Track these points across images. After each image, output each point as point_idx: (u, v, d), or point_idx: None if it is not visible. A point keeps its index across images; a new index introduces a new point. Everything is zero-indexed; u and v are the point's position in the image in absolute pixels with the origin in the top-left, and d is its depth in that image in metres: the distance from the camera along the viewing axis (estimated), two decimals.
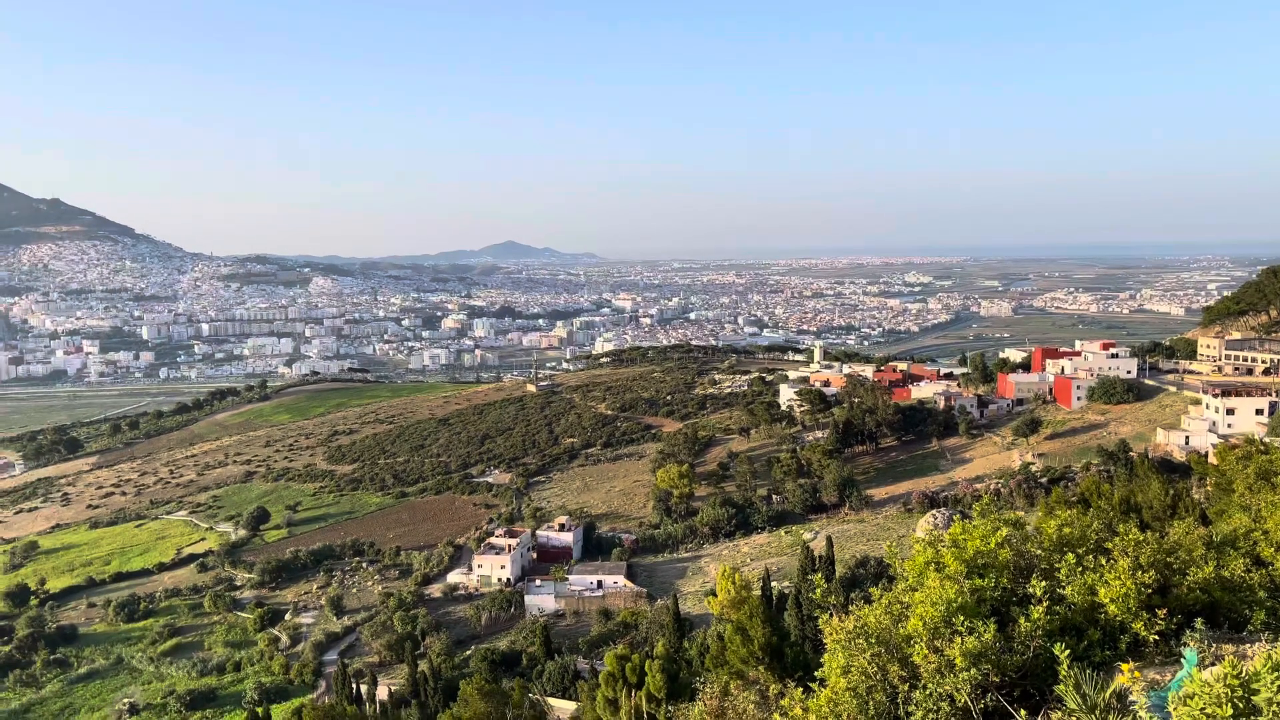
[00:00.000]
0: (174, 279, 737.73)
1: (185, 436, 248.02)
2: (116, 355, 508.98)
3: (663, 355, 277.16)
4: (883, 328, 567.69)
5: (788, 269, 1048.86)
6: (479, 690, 44.46)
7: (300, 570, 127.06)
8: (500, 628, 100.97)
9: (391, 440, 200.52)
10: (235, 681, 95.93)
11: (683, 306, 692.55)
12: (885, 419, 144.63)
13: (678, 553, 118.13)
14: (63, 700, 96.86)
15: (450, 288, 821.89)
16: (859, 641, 9.80)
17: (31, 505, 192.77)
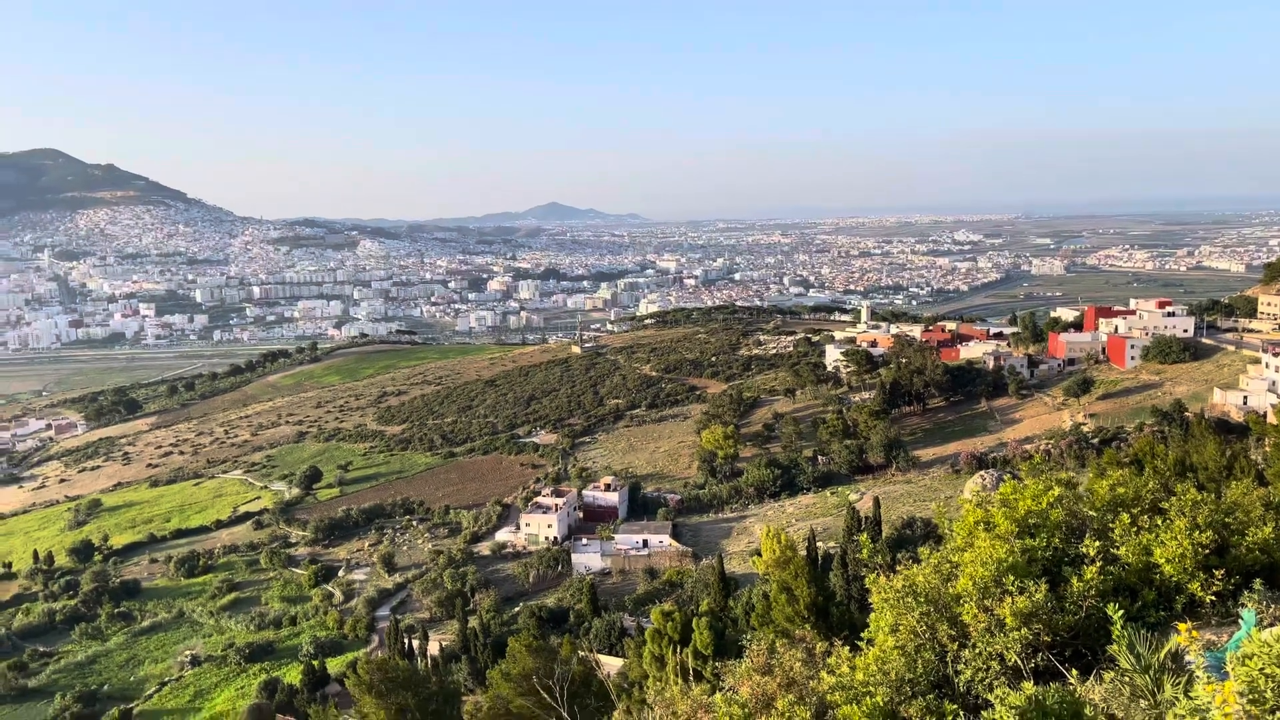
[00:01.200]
0: (225, 243, 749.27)
1: (239, 398, 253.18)
2: (171, 318, 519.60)
3: (707, 316, 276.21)
4: (931, 287, 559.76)
5: (834, 228, 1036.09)
6: (527, 646, 45.13)
7: (352, 528, 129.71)
8: (547, 585, 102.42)
9: (439, 401, 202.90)
10: (292, 635, 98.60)
11: (727, 267, 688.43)
12: (933, 379, 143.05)
13: (722, 513, 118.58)
14: (127, 652, 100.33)
15: (495, 250, 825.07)
16: (908, 600, 9.77)
17: (94, 464, 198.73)
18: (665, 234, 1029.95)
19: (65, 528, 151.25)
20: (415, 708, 41.61)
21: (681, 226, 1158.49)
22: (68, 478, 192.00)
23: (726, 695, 13.76)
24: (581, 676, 44.49)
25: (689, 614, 42.17)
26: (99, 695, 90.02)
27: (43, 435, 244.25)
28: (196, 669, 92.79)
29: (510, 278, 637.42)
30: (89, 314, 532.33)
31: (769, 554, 52.60)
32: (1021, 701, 6.99)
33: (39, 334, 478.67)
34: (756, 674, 13.32)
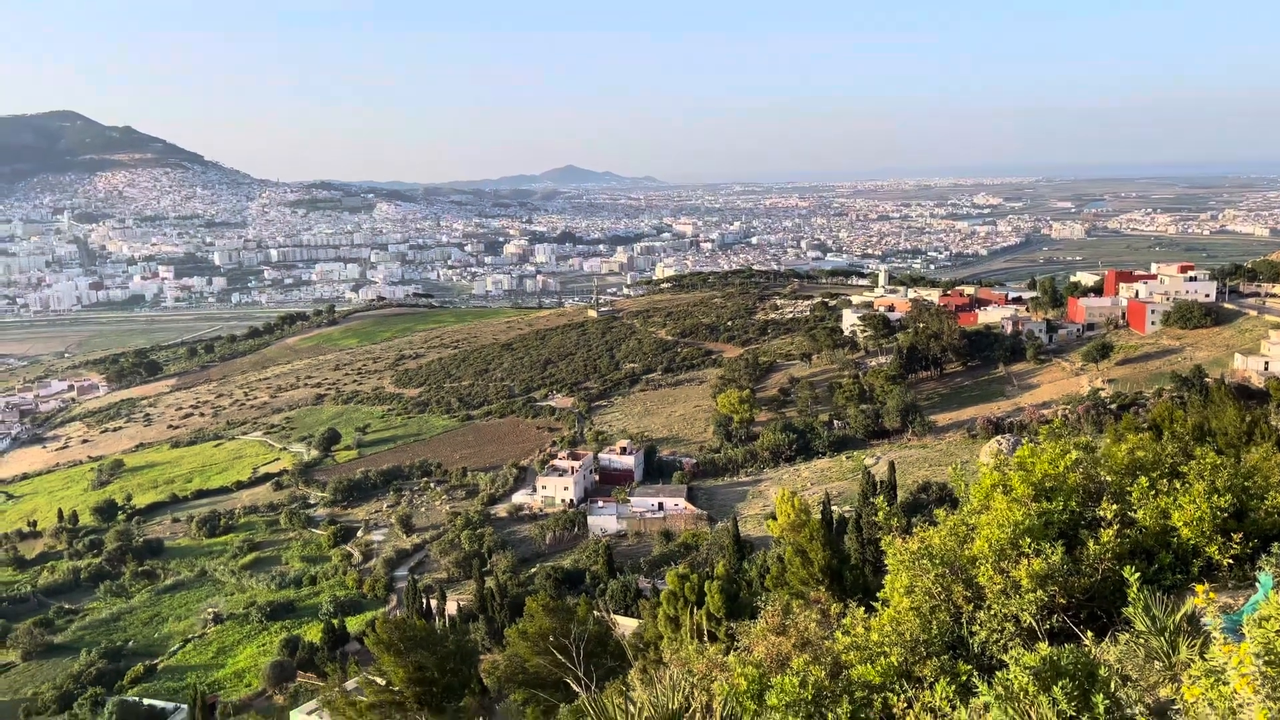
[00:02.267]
0: (243, 205, 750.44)
1: (258, 360, 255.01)
2: (190, 280, 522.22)
3: (724, 280, 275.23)
4: (950, 251, 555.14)
5: (853, 192, 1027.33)
6: (544, 606, 45.64)
7: (370, 490, 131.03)
8: (564, 547, 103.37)
9: (456, 364, 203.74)
10: (312, 594, 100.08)
11: (744, 231, 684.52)
12: (950, 344, 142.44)
13: (738, 477, 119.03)
14: (151, 609, 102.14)
15: (512, 213, 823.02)
16: (923, 562, 9.81)
17: (116, 425, 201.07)
18: (682, 197, 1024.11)
19: (88, 487, 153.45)
20: (433, 666, 42.22)
21: (698, 190, 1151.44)
22: (90, 438, 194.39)
23: (741, 655, 13.90)
24: (598, 636, 45.00)
25: (703, 576, 42.52)
26: (124, 651, 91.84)
27: (65, 396, 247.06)
28: (219, 626, 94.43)
29: (526, 241, 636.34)
30: (109, 276, 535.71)
31: (783, 517, 52.75)
32: (1036, 662, 7.03)
33: (60, 296, 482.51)
34: (771, 634, 13.44)
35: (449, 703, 42.70)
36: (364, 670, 47.54)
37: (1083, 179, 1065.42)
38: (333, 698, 45.08)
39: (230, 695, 79.82)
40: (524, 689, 41.12)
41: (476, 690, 44.60)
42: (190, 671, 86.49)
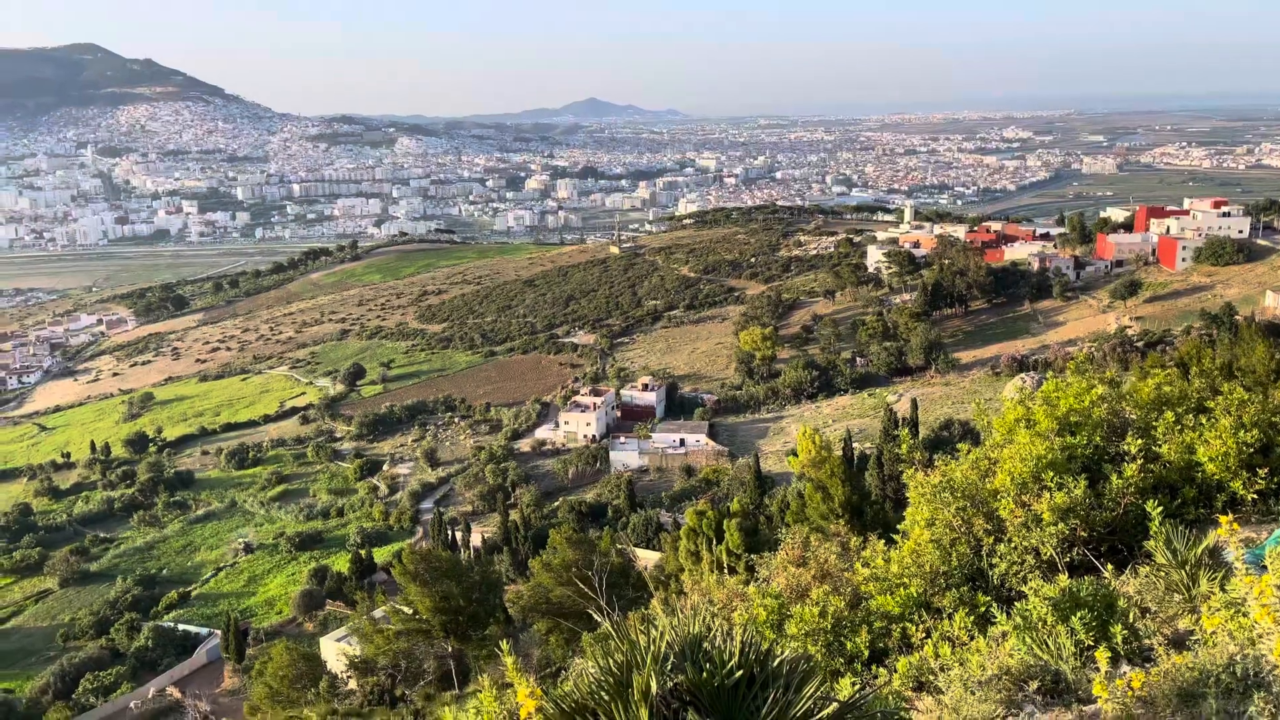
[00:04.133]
0: (264, 140, 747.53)
1: (282, 295, 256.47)
2: (214, 215, 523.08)
3: (747, 216, 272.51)
4: (977, 186, 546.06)
5: (880, 125, 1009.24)
6: (567, 538, 46.34)
7: (395, 424, 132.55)
8: (586, 482, 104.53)
9: (479, 300, 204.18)
10: (339, 526, 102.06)
11: (768, 166, 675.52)
12: (976, 281, 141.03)
13: (759, 413, 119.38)
14: (184, 539, 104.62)
15: (533, 147, 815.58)
16: (944, 495, 9.84)
17: (145, 359, 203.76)
18: (705, 131, 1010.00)
19: (119, 420, 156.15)
20: (459, 596, 43.11)
21: (722, 123, 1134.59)
22: (120, 371, 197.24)
23: (761, 586, 14.07)
24: (619, 568, 45.71)
25: (723, 512, 42.91)
26: (158, 579, 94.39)
27: (94, 330, 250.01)
28: (249, 556, 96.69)
29: (548, 176, 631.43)
30: (133, 211, 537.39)
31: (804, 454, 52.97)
32: (1055, 593, 7.08)
33: (86, 230, 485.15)
34: (791, 566, 13.58)
35: (474, 631, 43.66)
36: (391, 600, 48.61)
37: (1116, 112, 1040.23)
38: (361, 626, 46.22)
39: (261, 622, 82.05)
40: (547, 618, 41.94)
41: (501, 619, 45.55)
42: (222, 599, 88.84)
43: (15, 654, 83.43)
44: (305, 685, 43.09)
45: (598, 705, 4.54)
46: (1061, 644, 6.72)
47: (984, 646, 7.19)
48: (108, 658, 77.69)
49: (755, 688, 4.55)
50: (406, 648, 42.93)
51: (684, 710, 4.43)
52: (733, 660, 4.59)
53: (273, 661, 45.84)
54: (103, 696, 71.18)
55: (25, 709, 70.80)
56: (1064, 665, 6.56)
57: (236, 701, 61.30)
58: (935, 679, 7.03)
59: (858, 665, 8.84)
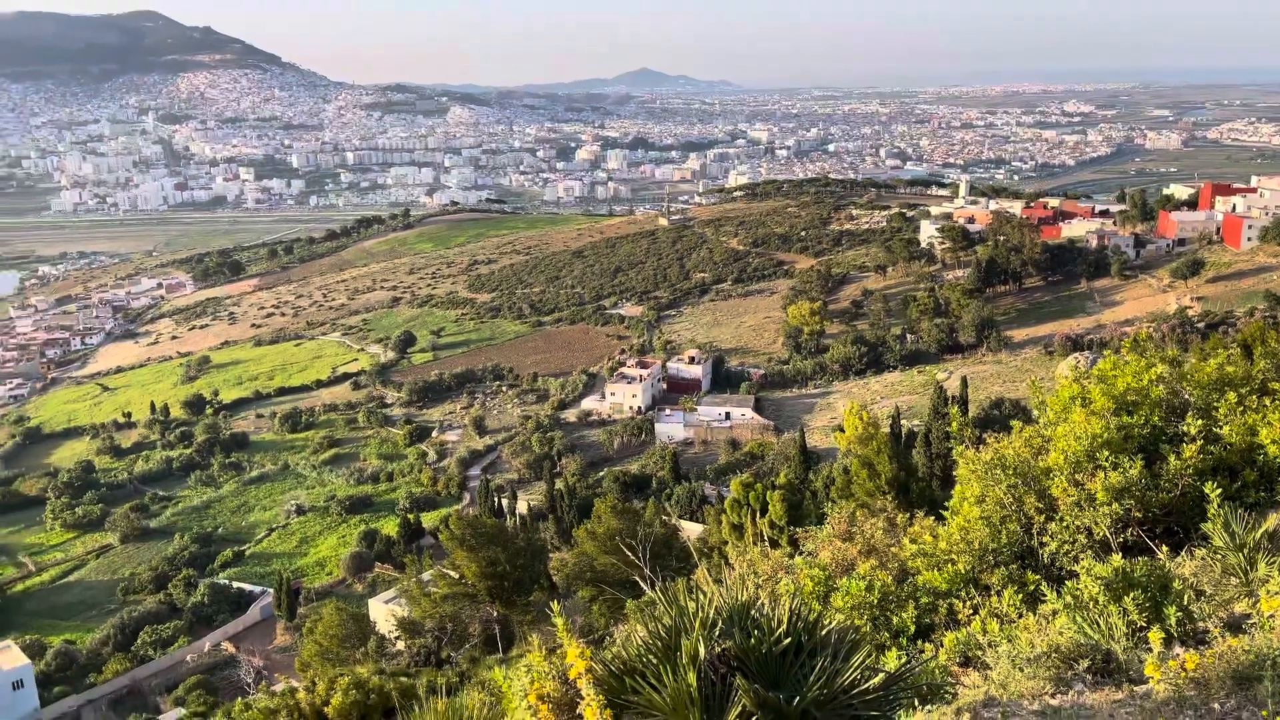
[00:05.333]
0: (319, 108, 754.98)
1: (335, 262, 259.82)
2: (270, 182, 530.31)
3: (798, 189, 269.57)
4: (1035, 161, 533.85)
5: (936, 98, 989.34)
6: (612, 508, 46.72)
7: (444, 391, 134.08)
8: (630, 453, 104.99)
9: (528, 271, 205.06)
10: (389, 490, 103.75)
11: (821, 138, 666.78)
12: (1031, 258, 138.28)
13: (806, 389, 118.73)
14: (238, 499, 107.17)
15: (584, 118, 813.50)
16: (996, 472, 9.74)
17: (202, 323, 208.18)
18: (758, 102, 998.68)
19: (178, 382, 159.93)
20: (504, 562, 43.72)
21: (775, 94, 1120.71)
22: (179, 335, 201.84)
23: (806, 558, 14.08)
24: (663, 539, 45.96)
25: (767, 486, 42.92)
26: (214, 537, 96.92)
27: (154, 294, 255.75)
28: (301, 517, 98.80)
29: (598, 147, 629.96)
30: (192, 177, 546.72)
31: (851, 430, 52.68)
32: (1108, 573, 6.99)
33: (147, 196, 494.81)
34: (838, 540, 13.58)
35: (519, 597, 44.29)
36: (438, 564, 49.44)
37: (1183, 85, 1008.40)
38: (409, 588, 47.14)
39: (312, 582, 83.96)
40: (591, 586, 42.39)
41: (545, 586, 46.13)
42: (275, 559, 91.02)
43: (77, 606, 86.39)
44: (354, 644, 44.09)
45: (645, 668, 4.60)
46: (1113, 624, 6.65)
47: (1033, 624, 7.14)
48: (166, 612, 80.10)
49: (803, 656, 4.58)
50: (453, 611, 43.72)
51: (731, 675, 4.48)
52: (781, 628, 4.62)
53: (323, 621, 46.94)
54: (161, 649, 73.51)
55: (86, 660, 73.39)
56: (1115, 645, 6.50)
57: (288, 658, 62.98)
58: (982, 655, 7.00)
59: (903, 640, 8.83)
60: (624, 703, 4.54)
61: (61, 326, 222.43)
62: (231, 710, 19.18)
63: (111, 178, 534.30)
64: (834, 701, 4.42)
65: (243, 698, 40.75)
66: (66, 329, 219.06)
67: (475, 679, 26.25)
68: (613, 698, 4.54)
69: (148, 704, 64.45)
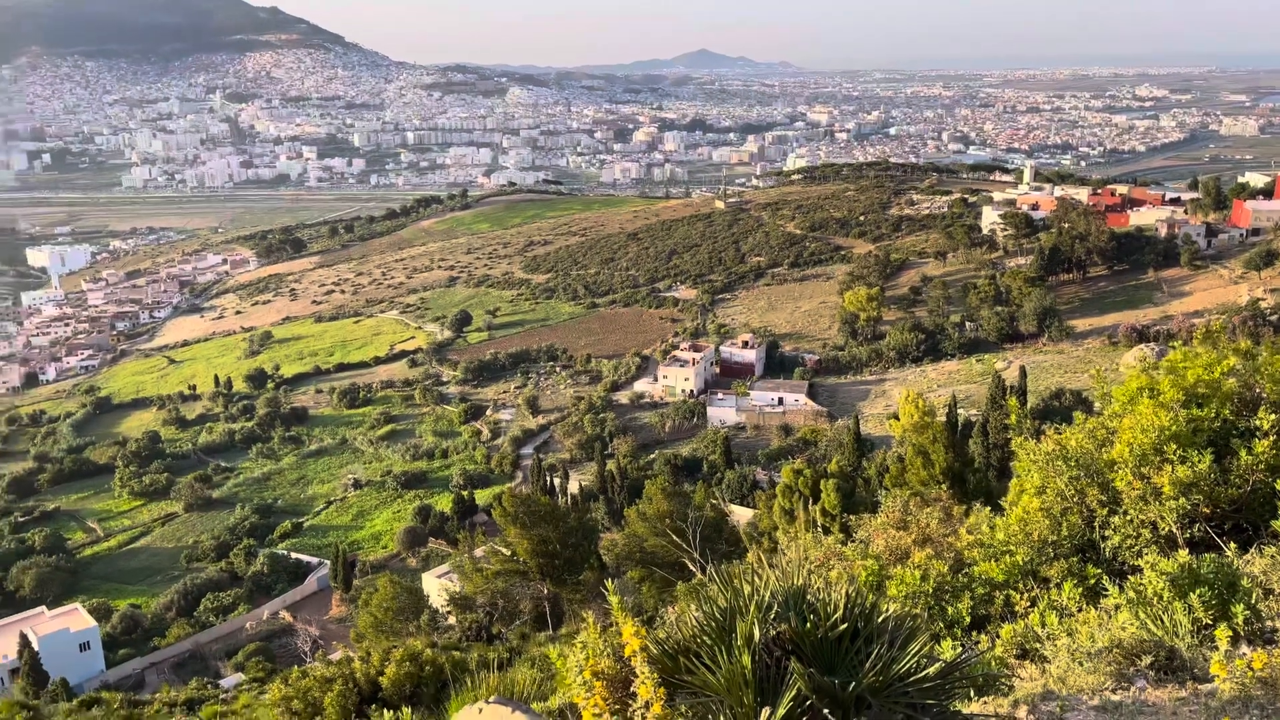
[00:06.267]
0: (381, 88, 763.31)
1: (394, 241, 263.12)
2: (331, 161, 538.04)
3: (858, 173, 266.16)
4: (1104, 147, 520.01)
5: (1001, 81, 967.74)
6: (662, 490, 46.81)
7: (499, 371, 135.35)
8: (682, 436, 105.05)
9: (583, 252, 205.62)
10: (443, 467, 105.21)
11: (882, 121, 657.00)
12: (1097, 246, 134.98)
13: (861, 375, 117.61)
14: (297, 472, 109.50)
15: (642, 99, 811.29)
16: (1057, 463, 9.55)
17: (265, 299, 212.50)
18: (818, 84, 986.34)
19: (241, 356, 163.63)
20: (556, 540, 44.07)
21: (836, 77, 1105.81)
22: (242, 310, 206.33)
23: (859, 546, 13.99)
24: (713, 523, 45.98)
25: (820, 472, 42.67)
26: (273, 508, 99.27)
27: (219, 269, 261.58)
28: (358, 492, 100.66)
29: (655, 128, 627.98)
30: (257, 155, 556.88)
31: (906, 418, 52.07)
32: (1173, 568, 6.83)
33: (214, 173, 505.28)
34: (892, 528, 13.45)
35: (569, 576, 44.63)
36: (490, 540, 50.02)
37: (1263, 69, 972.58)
38: (462, 564, 47.79)
39: (367, 555, 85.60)
40: (641, 567, 42.59)
41: (595, 566, 46.41)
42: (332, 531, 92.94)
43: (143, 571, 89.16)
44: (408, 617, 44.86)
45: (700, 648, 4.62)
46: (1178, 620, 6.50)
47: (1094, 619, 7.01)
48: (226, 580, 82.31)
49: (858, 642, 4.56)
50: (504, 587, 44.23)
51: (786, 659, 4.47)
52: (837, 613, 4.60)
53: (378, 593, 47.82)
54: (221, 616, 75.61)
55: (150, 624, 75.77)
56: (1179, 642, 6.36)
57: (343, 629, 64.33)
58: (1041, 648, 6.89)
59: (958, 630, 8.73)
60: (678, 682, 4.57)
61: (131, 300, 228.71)
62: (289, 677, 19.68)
63: (180, 155, 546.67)
64: (889, 688, 4.40)
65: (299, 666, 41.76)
66: (135, 302, 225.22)
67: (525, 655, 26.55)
68: (667, 677, 4.56)
69: (209, 668, 66.33)
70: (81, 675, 62.32)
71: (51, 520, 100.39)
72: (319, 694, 17.79)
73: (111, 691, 45.48)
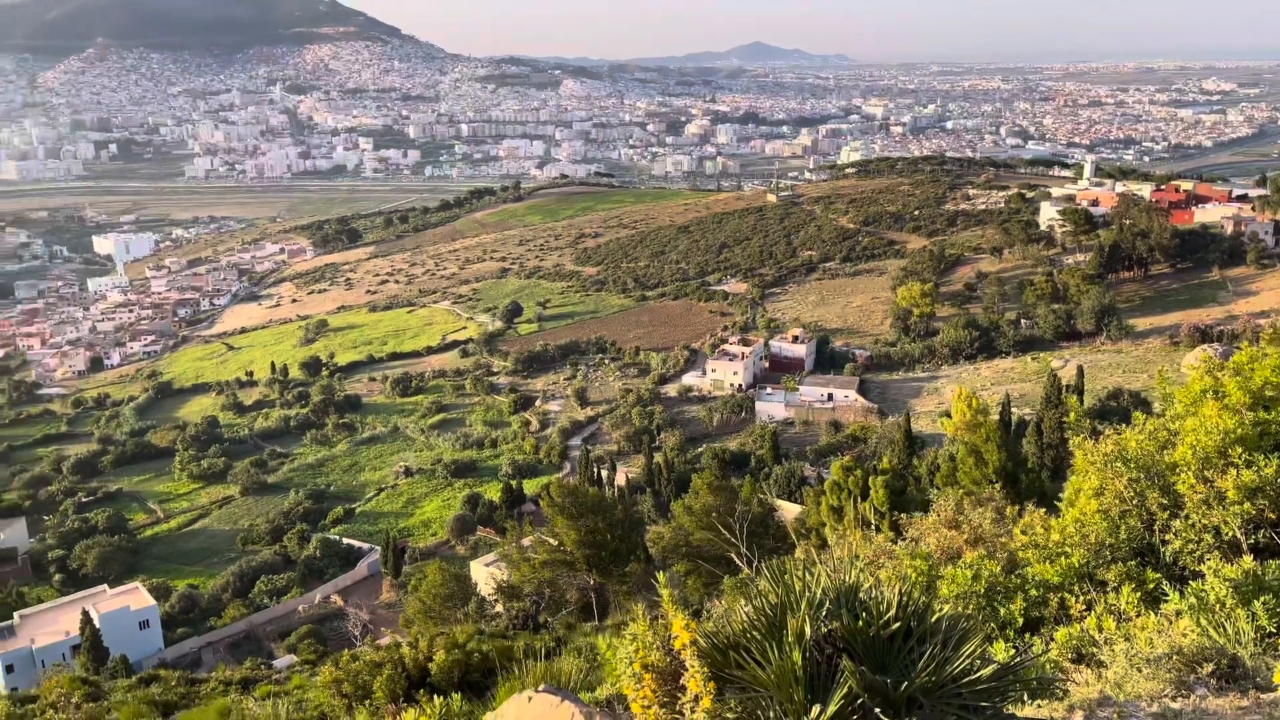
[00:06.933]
0: (436, 80, 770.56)
1: (447, 232, 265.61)
2: (387, 153, 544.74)
3: (913, 167, 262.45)
4: (1168, 142, 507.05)
5: (1062, 74, 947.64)
6: (709, 484, 46.72)
7: (549, 362, 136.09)
8: (730, 430, 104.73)
9: (634, 245, 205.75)
10: (492, 456, 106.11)
11: (939, 114, 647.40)
12: (1159, 243, 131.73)
13: (913, 372, 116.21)
14: (350, 459, 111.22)
15: (695, 91, 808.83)
16: (1117, 465, 9.35)
17: (321, 287, 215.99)
18: (874, 77, 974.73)
19: (297, 344, 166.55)
20: (603, 531, 44.26)
21: (892, 69, 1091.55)
22: (298, 298, 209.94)
23: (910, 545, 13.83)
24: (760, 518, 45.78)
25: (869, 469, 42.23)
26: (326, 494, 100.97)
27: (277, 258, 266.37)
28: (409, 479, 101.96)
29: (708, 121, 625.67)
30: (315, 146, 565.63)
31: (959, 416, 51.42)
32: (1237, 574, 6.66)
33: (272, 164, 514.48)
34: (943, 527, 13.29)
35: (615, 567, 44.80)
36: (538, 530, 50.33)
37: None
38: (509, 553, 48.19)
39: (417, 542, 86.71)
40: (686, 560, 42.58)
41: (641, 558, 46.51)
42: (383, 518, 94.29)
43: (201, 552, 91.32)
44: (455, 604, 45.40)
45: (750, 643, 4.61)
46: (1240, 628, 6.34)
47: (1153, 624, 6.87)
48: (280, 563, 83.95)
49: (911, 641, 4.51)
50: (551, 577, 44.54)
51: (837, 656, 4.44)
52: (890, 612, 4.56)
53: (427, 579, 48.45)
54: (275, 598, 77.12)
55: (207, 604, 77.59)
56: (1242, 650, 6.20)
57: (393, 614, 65.27)
58: (1097, 652, 6.76)
59: (1010, 632, 8.60)
60: (727, 676, 4.56)
61: (192, 287, 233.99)
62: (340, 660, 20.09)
63: (240, 146, 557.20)
64: (942, 689, 4.35)
65: (350, 649, 42.46)
66: (196, 290, 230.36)
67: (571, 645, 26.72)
68: (716, 671, 4.56)
69: (262, 649, 67.73)
70: (141, 652, 63.99)
71: (114, 501, 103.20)
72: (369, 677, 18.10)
73: (169, 669, 46.69)
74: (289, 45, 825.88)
